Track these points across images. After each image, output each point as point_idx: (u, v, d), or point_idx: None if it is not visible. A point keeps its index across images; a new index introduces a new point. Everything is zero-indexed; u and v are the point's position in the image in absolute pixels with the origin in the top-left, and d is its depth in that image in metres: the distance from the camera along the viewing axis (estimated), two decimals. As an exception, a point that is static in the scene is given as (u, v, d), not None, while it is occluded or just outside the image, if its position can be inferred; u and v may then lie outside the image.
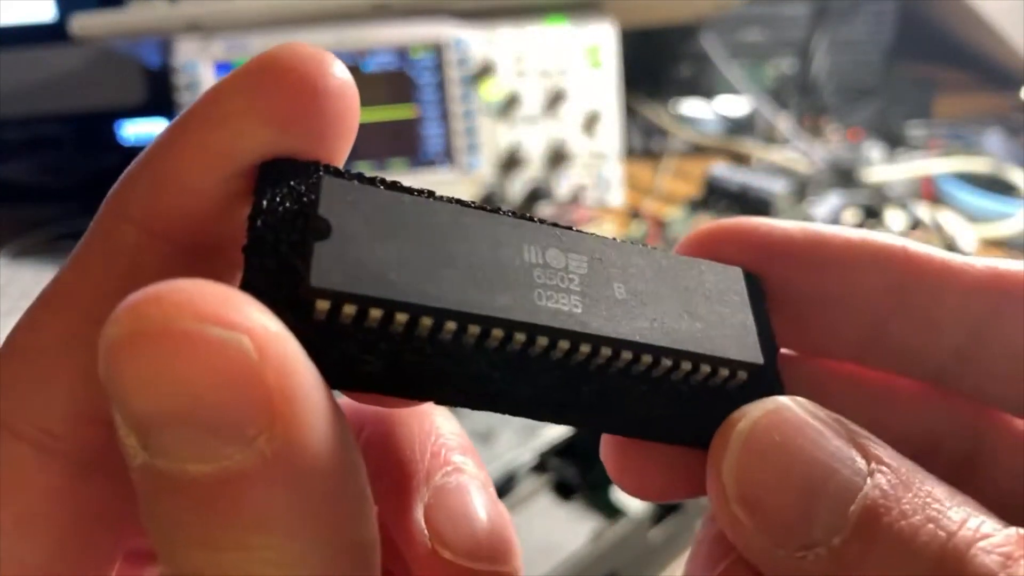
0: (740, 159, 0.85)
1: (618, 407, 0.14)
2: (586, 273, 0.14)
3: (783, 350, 0.16)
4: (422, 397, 0.13)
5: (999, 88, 0.98)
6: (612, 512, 0.41)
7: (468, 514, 0.15)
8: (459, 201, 0.13)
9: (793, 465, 0.12)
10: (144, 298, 0.09)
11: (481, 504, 0.15)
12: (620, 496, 0.42)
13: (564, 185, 0.71)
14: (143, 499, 0.10)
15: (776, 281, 0.16)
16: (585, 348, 0.13)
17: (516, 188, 0.70)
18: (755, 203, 0.70)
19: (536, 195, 0.70)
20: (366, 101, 0.75)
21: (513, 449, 0.43)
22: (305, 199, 0.12)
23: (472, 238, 0.13)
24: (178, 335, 0.09)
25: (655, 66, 0.92)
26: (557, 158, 0.70)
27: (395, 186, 0.13)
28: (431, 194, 0.13)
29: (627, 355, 0.13)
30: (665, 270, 0.14)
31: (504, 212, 0.14)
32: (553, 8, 0.70)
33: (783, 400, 0.13)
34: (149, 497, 0.10)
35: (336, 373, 0.12)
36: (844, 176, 0.77)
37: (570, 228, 0.14)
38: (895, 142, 0.87)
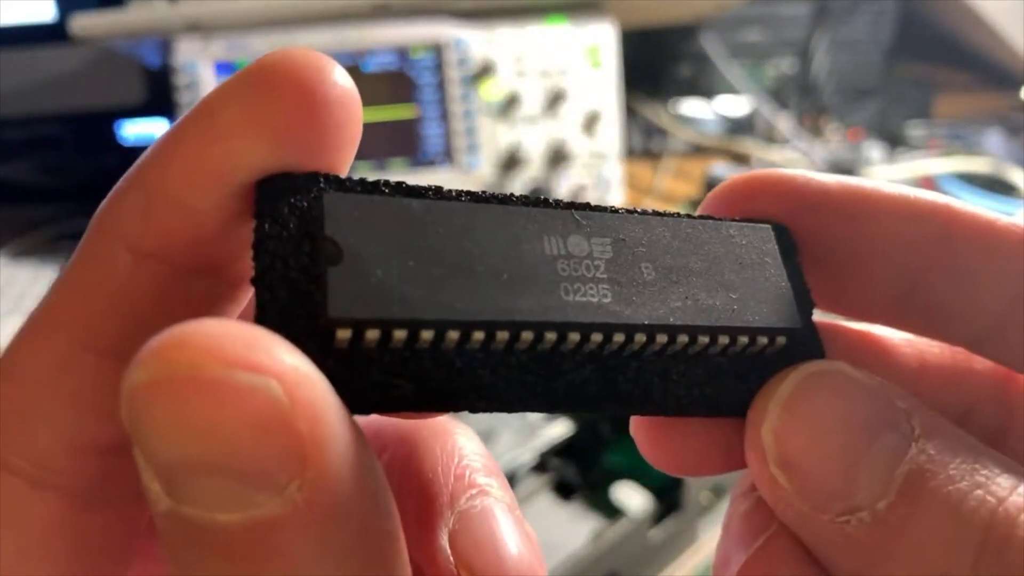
0: (740, 159, 0.85)
1: (657, 389, 0.13)
2: (611, 257, 0.13)
3: (816, 318, 0.15)
4: (454, 409, 0.12)
5: (999, 88, 0.98)
6: (612, 512, 0.41)
7: (494, 539, 0.14)
8: (469, 194, 0.13)
9: (834, 426, 0.12)
10: (169, 342, 0.09)
11: (508, 528, 0.14)
12: (620, 496, 0.42)
13: (564, 185, 0.71)
14: (167, 544, 0.10)
15: (810, 235, 0.15)
16: (619, 338, 0.13)
17: (516, 188, 0.70)
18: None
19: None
20: (366, 101, 0.75)
21: (513, 449, 0.43)
22: (309, 219, 0.11)
23: (489, 237, 0.12)
24: (206, 383, 0.09)
25: (655, 66, 0.92)
26: (557, 158, 0.70)
27: (401, 188, 0.12)
28: (439, 191, 0.13)
29: (662, 339, 0.13)
30: (692, 239, 0.14)
31: (517, 199, 0.13)
32: (553, 8, 0.70)
33: (824, 363, 0.13)
34: (174, 543, 0.10)
35: (362, 398, 0.11)
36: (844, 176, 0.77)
37: (587, 206, 0.14)
38: (895, 142, 0.87)
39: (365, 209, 0.12)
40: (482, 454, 0.16)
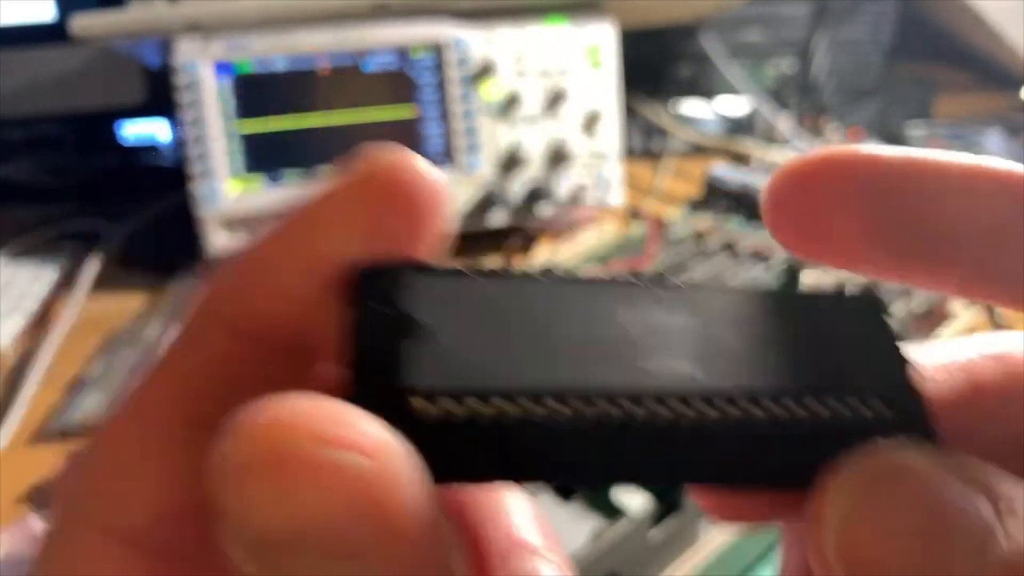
0: (740, 159, 0.85)
1: (737, 460, 0.13)
2: (695, 330, 0.13)
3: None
4: (532, 481, 0.13)
5: (999, 88, 0.98)
6: (612, 512, 0.41)
7: None
8: (552, 275, 0.13)
9: (911, 520, 0.11)
10: (261, 419, 0.09)
11: None
12: (620, 496, 0.42)
13: (564, 185, 0.71)
14: None
15: (882, 212, 0.15)
16: (700, 406, 0.12)
17: (516, 188, 0.70)
18: (756, 203, 0.70)
19: (536, 195, 0.70)
20: (366, 101, 0.75)
21: (513, 449, 0.43)
22: (399, 303, 0.12)
23: (569, 314, 0.13)
24: (299, 461, 0.09)
25: (655, 66, 0.92)
26: (557, 158, 0.70)
27: (484, 273, 0.13)
28: (525, 275, 0.13)
29: (743, 408, 0.13)
30: (777, 312, 0.14)
31: (598, 280, 0.14)
32: (553, 8, 0.70)
33: (890, 448, 0.12)
34: None
35: (445, 469, 0.12)
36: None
37: (671, 284, 0.14)
38: (895, 142, 0.87)
39: (447, 290, 0.13)
40: (533, 514, 0.16)
